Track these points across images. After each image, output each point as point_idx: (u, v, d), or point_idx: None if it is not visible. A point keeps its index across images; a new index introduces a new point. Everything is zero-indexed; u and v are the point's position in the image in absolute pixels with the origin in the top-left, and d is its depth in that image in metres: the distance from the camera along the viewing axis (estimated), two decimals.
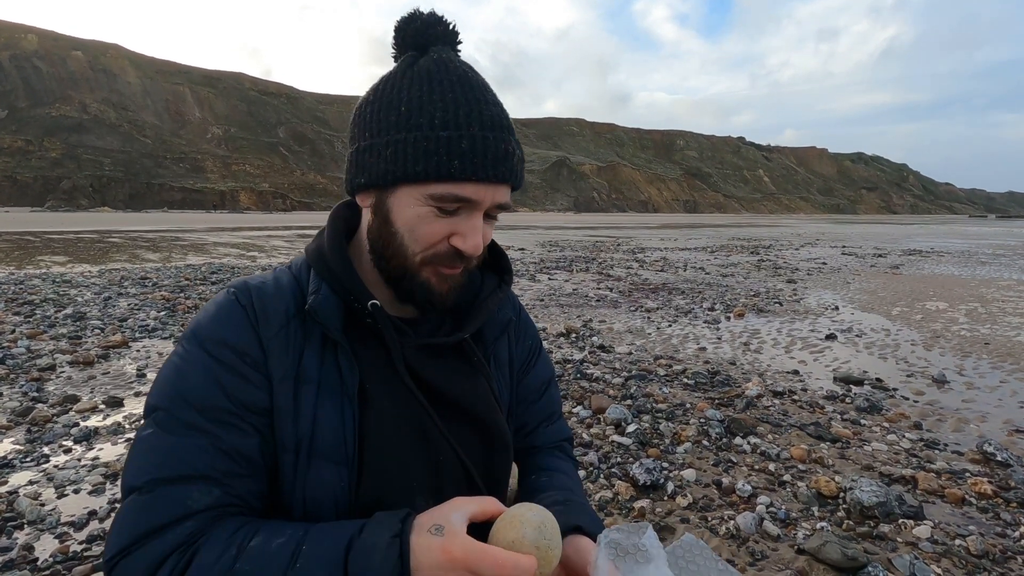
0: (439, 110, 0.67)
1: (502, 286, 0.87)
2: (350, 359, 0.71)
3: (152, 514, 0.61)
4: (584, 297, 9.82)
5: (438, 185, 0.67)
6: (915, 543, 2.63)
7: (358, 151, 0.72)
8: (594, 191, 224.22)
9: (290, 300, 0.73)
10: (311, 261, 0.77)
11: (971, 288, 11.81)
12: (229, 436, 0.65)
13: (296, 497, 0.67)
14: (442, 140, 0.66)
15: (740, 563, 2.46)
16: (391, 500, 0.69)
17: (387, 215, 0.71)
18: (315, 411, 0.68)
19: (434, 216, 0.68)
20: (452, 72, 0.69)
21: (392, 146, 0.67)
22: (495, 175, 0.67)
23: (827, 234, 37.68)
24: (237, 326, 0.69)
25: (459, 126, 0.66)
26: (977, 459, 3.60)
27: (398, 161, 0.67)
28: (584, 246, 22.62)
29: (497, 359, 0.87)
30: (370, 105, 0.71)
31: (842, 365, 5.83)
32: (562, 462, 0.92)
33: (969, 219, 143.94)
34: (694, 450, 3.58)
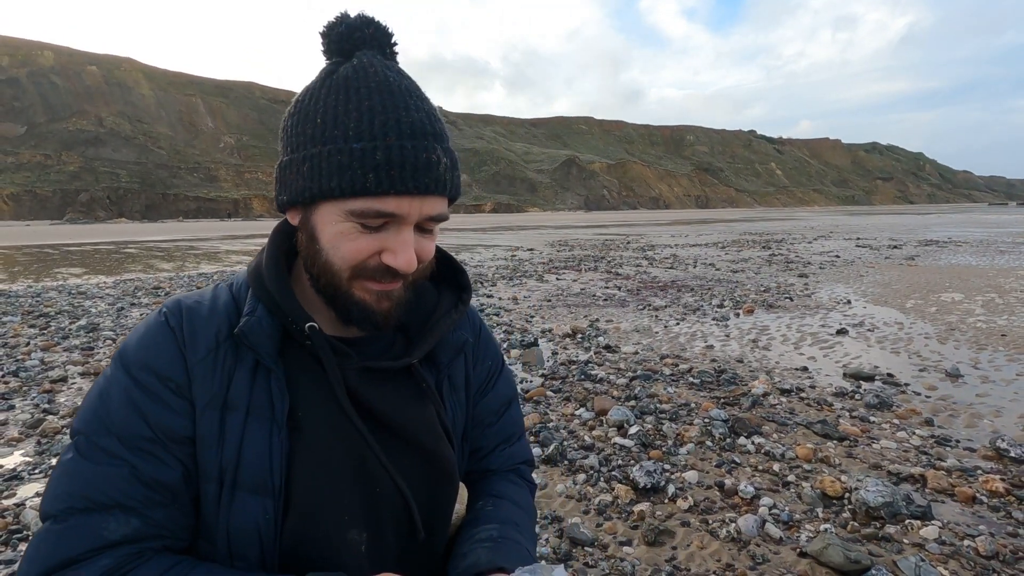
0: (354, 121, 0.63)
1: (459, 306, 0.82)
2: (281, 384, 0.68)
3: (65, 545, 0.59)
4: (592, 296, 9.77)
5: (356, 201, 0.63)
6: (922, 544, 2.56)
7: (280, 167, 0.70)
8: (604, 189, 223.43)
9: (223, 322, 0.70)
10: (249, 280, 0.74)
11: (989, 278, 11.55)
12: (147, 466, 0.63)
13: (220, 528, 0.65)
14: (356, 153, 0.63)
15: (740, 567, 2.42)
16: (320, 533, 0.67)
17: (312, 232, 0.68)
18: (241, 439, 0.65)
19: (358, 232, 0.65)
20: (371, 78, 0.65)
21: (308, 161, 0.65)
22: (416, 187, 0.64)
23: (841, 226, 37.14)
24: (163, 350, 0.66)
25: (374, 136, 0.63)
26: (990, 456, 3.51)
27: (314, 177, 0.64)
28: (593, 245, 22.53)
29: (452, 382, 0.83)
30: (291, 118, 0.68)
31: (852, 360, 5.73)
32: (514, 487, 0.88)
33: (989, 207, 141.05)
34: (697, 451, 3.54)
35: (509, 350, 5.97)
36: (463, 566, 0.72)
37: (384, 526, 0.72)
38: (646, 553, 2.53)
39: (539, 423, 3.93)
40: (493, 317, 7.89)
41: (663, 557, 2.50)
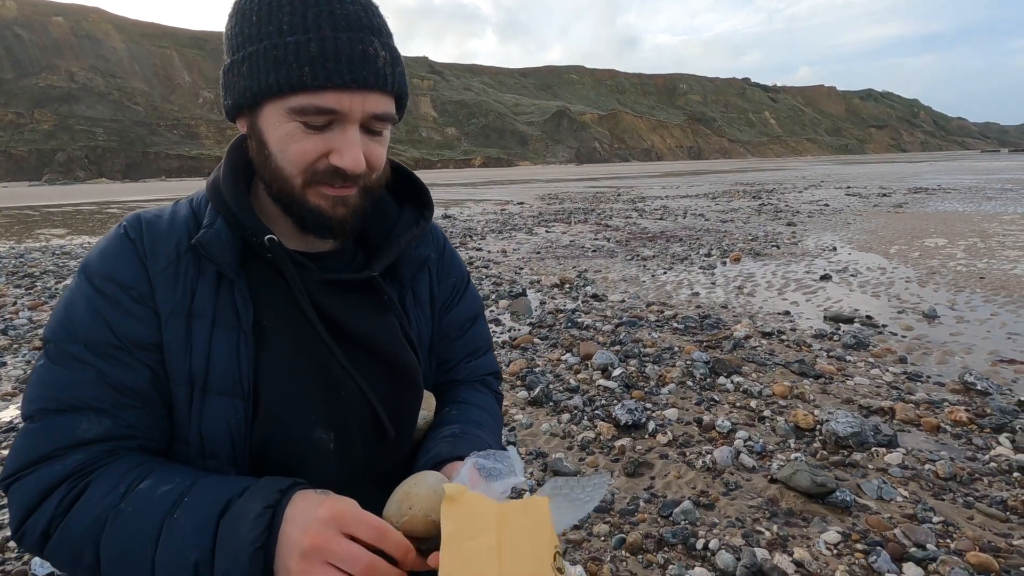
0: (287, 15, 0.63)
1: (420, 222, 0.84)
2: (244, 294, 0.70)
3: (41, 442, 0.63)
4: (581, 248, 9.80)
5: (295, 97, 0.64)
6: (885, 469, 2.71)
7: (224, 72, 0.70)
8: (596, 141, 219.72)
9: (183, 234, 0.71)
10: (208, 194, 0.75)
11: (973, 224, 11.66)
12: (115, 370, 0.65)
13: (192, 430, 0.67)
14: (290, 47, 0.63)
15: (714, 493, 2.56)
16: (288, 433, 0.70)
17: (260, 137, 0.68)
18: (209, 346, 0.68)
19: (302, 133, 0.65)
20: None
21: (247, 61, 0.65)
22: (354, 80, 0.64)
23: (833, 176, 37.00)
24: (124, 260, 0.68)
25: (307, 29, 0.63)
26: (958, 389, 3.66)
27: (253, 75, 0.65)
28: (584, 198, 22.38)
29: (416, 297, 0.86)
30: (230, 20, 0.68)
31: (834, 304, 5.85)
32: (479, 394, 0.92)
33: (981, 154, 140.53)
34: (678, 391, 3.66)
35: (497, 300, 6.03)
36: (425, 459, 0.77)
37: (350, 427, 0.75)
38: (626, 483, 2.66)
39: (526, 368, 4.03)
40: (482, 269, 7.93)
41: (641, 486, 2.63)
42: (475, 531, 0.53)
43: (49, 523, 0.61)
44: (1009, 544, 2.18)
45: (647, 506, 2.47)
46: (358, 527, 0.57)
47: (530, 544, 0.53)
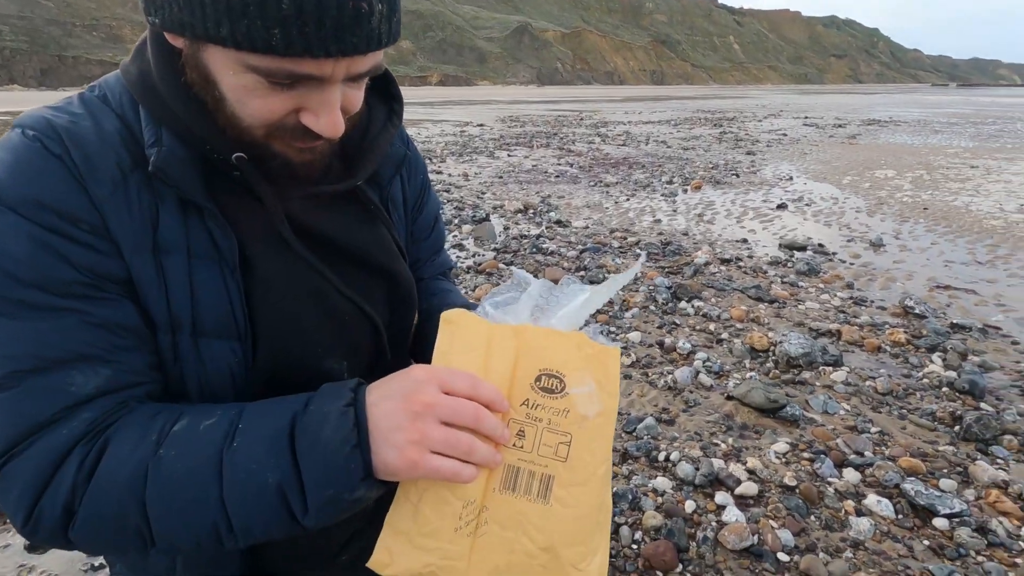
0: None
1: (393, 118, 0.75)
2: (222, 224, 0.58)
3: (29, 409, 0.50)
4: (544, 173, 9.63)
5: (257, 57, 0.49)
6: (831, 386, 2.90)
7: None
8: (558, 61, 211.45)
9: (120, 149, 0.55)
10: (138, 96, 0.58)
11: (920, 156, 12.07)
12: (96, 308, 0.53)
13: (190, 380, 0.59)
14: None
15: (674, 410, 2.69)
16: (297, 371, 0.64)
17: (206, 74, 0.53)
18: (191, 284, 0.57)
19: (265, 88, 0.52)
20: None
21: None
22: (341, 49, 0.49)
23: (792, 105, 37.18)
24: (55, 182, 0.52)
25: None
26: (898, 313, 3.90)
27: (194, 12, 0.47)
28: (546, 121, 21.79)
29: (393, 201, 0.79)
30: None
31: (789, 233, 6.03)
32: (446, 283, 0.95)
33: (931, 88, 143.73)
34: (641, 315, 3.75)
35: (460, 226, 5.92)
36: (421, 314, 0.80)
37: (360, 351, 0.71)
38: None
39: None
40: (443, 193, 7.71)
41: None
42: (465, 348, 0.54)
43: (71, 494, 0.50)
44: (935, 450, 2.40)
45: None
46: (454, 381, 0.53)
47: (515, 362, 0.54)
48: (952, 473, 2.24)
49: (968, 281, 4.64)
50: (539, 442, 0.53)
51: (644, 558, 1.79)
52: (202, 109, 0.57)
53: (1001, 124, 21.29)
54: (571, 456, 0.53)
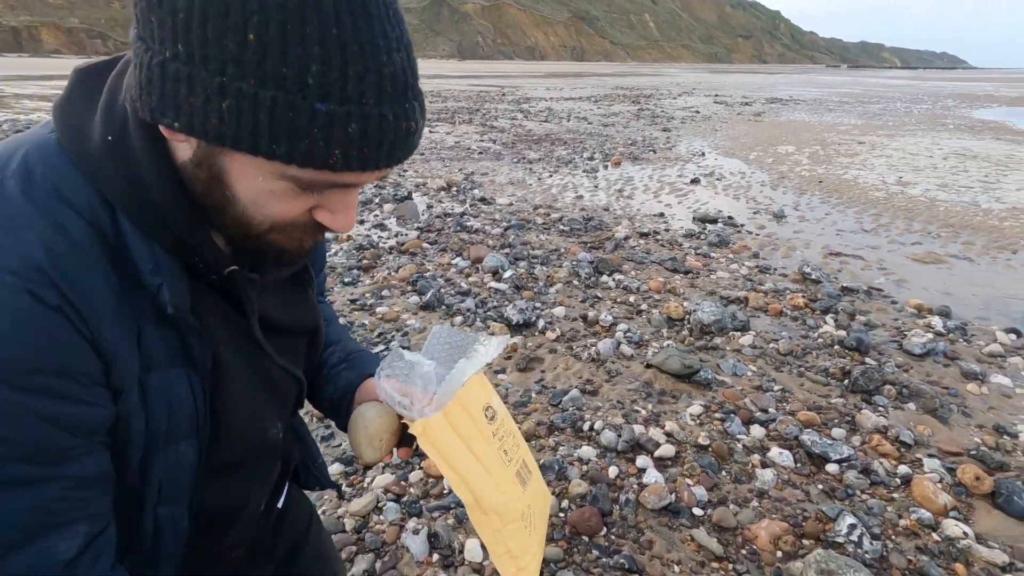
0: (317, 61, 0.42)
1: None
2: (201, 336, 0.55)
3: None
4: (467, 150, 9.51)
5: (306, 171, 0.47)
6: (739, 349, 3.11)
7: (161, 66, 0.44)
8: (478, 35, 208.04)
9: (106, 266, 0.49)
10: (120, 201, 0.50)
11: (816, 133, 13.01)
12: (81, 467, 0.50)
13: (151, 481, 0.57)
14: (319, 117, 0.43)
15: (598, 380, 2.77)
16: (246, 446, 0.66)
17: (220, 176, 0.49)
18: (168, 398, 0.55)
19: (294, 193, 0.50)
20: None
21: (231, 98, 0.43)
22: (389, 163, 0.48)
23: (703, 83, 38.82)
24: (58, 342, 0.46)
25: (347, 98, 0.43)
26: (797, 279, 4.22)
27: (242, 126, 0.43)
28: (468, 96, 21.45)
29: (311, 256, 0.79)
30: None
31: (701, 206, 6.34)
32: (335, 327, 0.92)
33: (825, 69, 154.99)
34: (565, 290, 3.83)
35: (382, 204, 5.74)
36: (339, 389, 0.80)
37: (288, 411, 0.75)
38: (518, 378, 2.79)
39: (416, 273, 3.95)
40: None
41: (533, 379, 2.78)
42: (445, 443, 0.67)
43: None
44: (828, 403, 2.64)
45: (538, 397, 2.63)
46: None
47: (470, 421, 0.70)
48: (842, 422, 2.48)
49: (856, 248, 5.09)
50: (512, 447, 0.74)
51: (571, 525, 1.85)
52: (194, 211, 0.52)
53: (884, 103, 23.35)
54: (519, 440, 0.77)
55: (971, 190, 7.43)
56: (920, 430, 2.45)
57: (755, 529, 1.86)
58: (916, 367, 3.00)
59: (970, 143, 11.91)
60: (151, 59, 0.44)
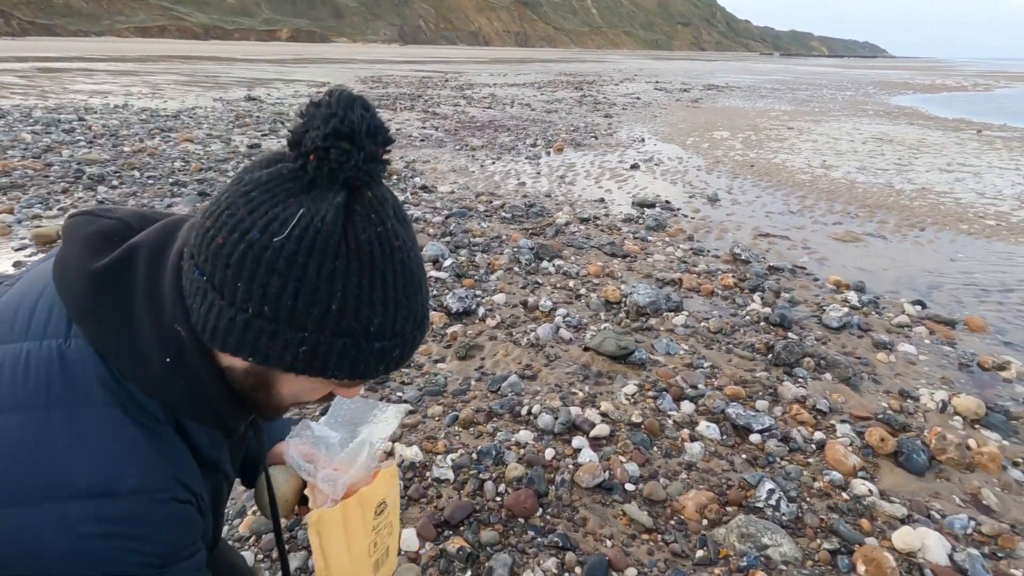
0: (378, 315, 0.56)
1: None
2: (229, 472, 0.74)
3: None
4: (408, 137, 9.34)
5: (355, 381, 0.63)
6: (672, 329, 3.22)
7: (246, 323, 0.54)
8: (420, 19, 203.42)
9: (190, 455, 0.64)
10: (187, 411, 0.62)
11: (749, 118, 13.53)
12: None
13: None
14: (375, 351, 0.58)
15: (537, 365, 2.81)
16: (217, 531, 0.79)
17: (270, 386, 0.63)
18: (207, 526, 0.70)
19: (324, 386, 0.65)
20: (396, 256, 0.56)
21: (309, 345, 0.55)
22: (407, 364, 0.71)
23: (645, 70, 39.54)
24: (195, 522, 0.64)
25: (395, 334, 0.58)
26: (728, 260, 4.40)
27: (314, 363, 0.57)
28: (410, 82, 21.02)
29: None
30: (277, 275, 0.52)
31: (640, 191, 6.49)
32: None
33: (759, 56, 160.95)
34: (505, 276, 3.84)
35: None
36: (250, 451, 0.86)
37: None
38: (458, 366, 2.79)
39: None
40: None
41: (472, 367, 2.79)
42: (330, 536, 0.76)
43: None
44: (753, 376, 2.78)
45: (478, 384, 2.64)
46: None
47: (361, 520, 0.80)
48: (765, 394, 2.62)
49: (783, 228, 5.36)
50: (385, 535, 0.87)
51: (507, 508, 1.88)
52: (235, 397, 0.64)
53: (812, 90, 24.51)
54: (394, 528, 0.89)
55: (887, 172, 7.94)
56: (835, 398, 2.62)
57: (683, 500, 1.95)
58: (833, 339, 3.20)
59: (887, 128, 12.70)
60: (235, 315, 0.54)
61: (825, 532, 1.86)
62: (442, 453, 2.15)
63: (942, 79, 39.22)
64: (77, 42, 78.51)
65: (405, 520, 1.84)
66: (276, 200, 0.53)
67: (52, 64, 24.30)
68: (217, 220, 0.53)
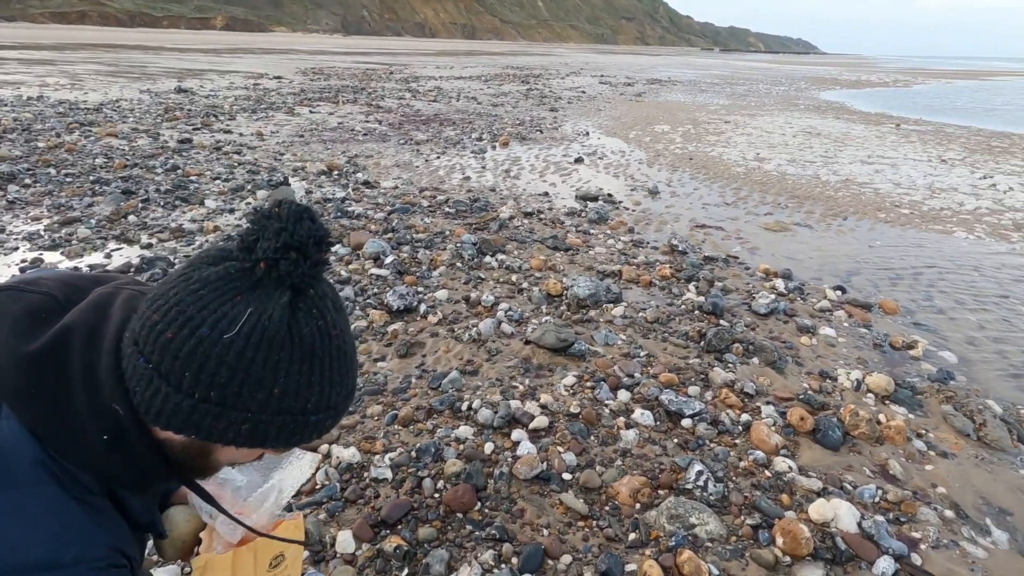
0: (315, 394, 0.61)
1: None
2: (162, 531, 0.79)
3: None
4: (351, 131, 9.12)
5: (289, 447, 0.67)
6: (611, 320, 3.30)
7: (192, 407, 0.58)
8: (364, 9, 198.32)
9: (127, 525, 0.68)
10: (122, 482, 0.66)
11: (689, 112, 13.95)
12: None
13: None
14: (311, 424, 0.63)
15: (478, 360, 2.83)
16: None
17: (208, 455, 0.67)
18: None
19: (260, 451, 0.69)
20: (334, 343, 0.61)
21: (251, 423, 0.60)
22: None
23: (590, 64, 40.03)
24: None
25: (329, 407, 0.64)
26: (667, 251, 4.54)
27: (255, 438, 0.61)
28: (353, 75, 20.50)
29: None
30: (225, 367, 0.57)
31: (584, 185, 6.59)
32: None
33: (700, 51, 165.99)
34: (448, 272, 3.83)
35: (255, 191, 5.37)
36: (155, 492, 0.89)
37: None
38: (398, 364, 2.77)
39: None
40: (234, 156, 6.89)
41: (413, 365, 2.77)
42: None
43: None
44: (686, 363, 2.89)
45: (418, 382, 2.63)
46: None
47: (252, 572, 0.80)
48: (697, 380, 2.73)
49: (718, 220, 5.57)
50: None
51: (445, 504, 1.89)
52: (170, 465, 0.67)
53: (749, 85, 25.50)
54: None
55: (814, 164, 8.37)
56: (761, 381, 2.76)
57: (617, 486, 2.01)
58: (761, 325, 3.37)
59: (815, 122, 13.38)
60: (181, 400, 0.58)
61: (748, 509, 1.96)
62: (380, 453, 2.13)
63: (867, 75, 41.60)
64: (45, 29, 72.22)
65: (341, 522, 1.82)
66: (224, 298, 0.57)
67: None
68: (166, 315, 0.57)
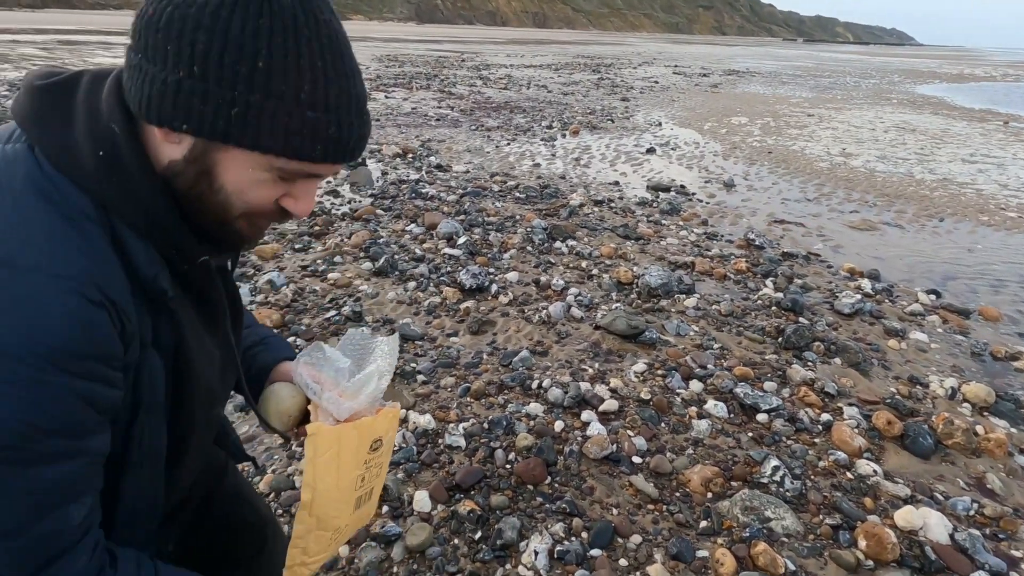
0: (307, 82, 0.57)
1: None
2: (172, 320, 0.65)
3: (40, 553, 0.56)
4: (424, 116, 9.32)
5: (291, 162, 0.60)
6: (684, 311, 3.24)
7: (177, 84, 0.55)
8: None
9: (119, 264, 0.59)
10: (120, 211, 0.59)
11: (769, 105, 13.31)
12: (97, 442, 0.59)
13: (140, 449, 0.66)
14: (308, 121, 0.58)
15: (548, 341, 2.85)
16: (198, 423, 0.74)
17: (210, 170, 0.60)
18: (151, 376, 0.64)
19: (273, 182, 0.62)
20: (322, 28, 0.57)
21: (240, 106, 0.56)
22: (351, 160, 0.65)
23: (664, 54, 38.86)
24: (102, 334, 0.56)
25: (328, 108, 0.59)
26: (742, 245, 4.39)
27: (247, 128, 0.56)
28: (426, 62, 20.88)
29: None
30: (202, 31, 0.54)
31: (656, 175, 6.45)
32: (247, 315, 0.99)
33: (783, 42, 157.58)
34: (518, 255, 3.87)
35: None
36: (254, 368, 0.90)
37: (229, 391, 0.83)
38: (470, 340, 2.84)
39: (369, 239, 3.91)
40: None
41: (485, 342, 2.83)
42: (324, 452, 0.76)
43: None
44: (762, 359, 2.80)
45: (489, 358, 2.69)
46: None
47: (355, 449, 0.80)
48: (774, 376, 2.64)
49: (799, 216, 5.31)
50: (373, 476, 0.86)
51: (516, 475, 1.94)
52: (182, 222, 0.62)
53: (835, 77, 24.00)
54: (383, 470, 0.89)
55: (907, 162, 7.81)
56: (843, 382, 2.64)
57: (688, 474, 1.99)
58: (845, 325, 3.20)
59: (910, 117, 12.44)
60: (166, 78, 0.55)
61: (828, 509, 1.89)
62: (454, 422, 2.21)
63: (970, 68, 38.19)
64: (96, 15, 78.59)
65: (418, 482, 1.90)
66: None
67: (71, 37, 24.39)
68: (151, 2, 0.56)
